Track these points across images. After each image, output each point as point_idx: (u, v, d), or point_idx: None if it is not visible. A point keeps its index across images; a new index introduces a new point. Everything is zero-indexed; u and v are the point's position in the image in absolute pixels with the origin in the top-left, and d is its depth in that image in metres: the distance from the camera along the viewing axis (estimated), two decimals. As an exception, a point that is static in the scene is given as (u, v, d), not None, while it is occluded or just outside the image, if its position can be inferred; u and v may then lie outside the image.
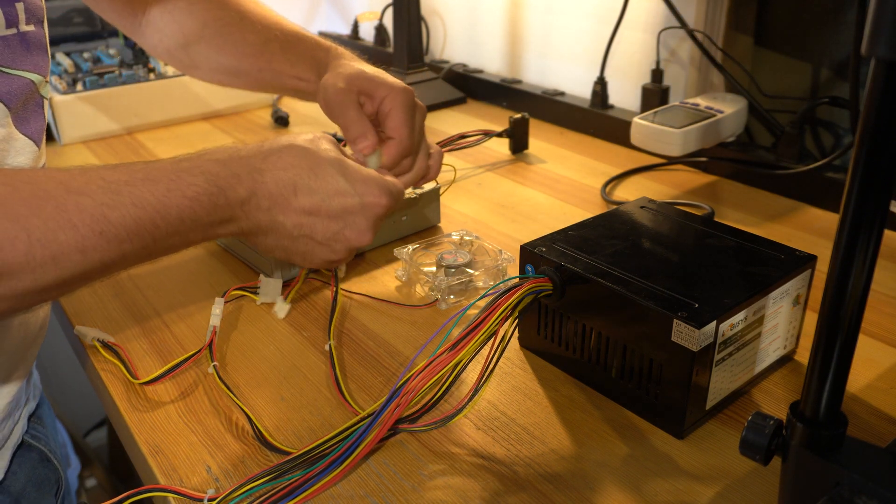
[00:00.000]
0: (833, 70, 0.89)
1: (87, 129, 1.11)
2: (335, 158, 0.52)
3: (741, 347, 0.52)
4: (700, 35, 0.95)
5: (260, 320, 0.66)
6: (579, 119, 1.12)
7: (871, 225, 0.34)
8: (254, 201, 0.49)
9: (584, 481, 0.48)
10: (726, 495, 0.47)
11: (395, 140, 0.63)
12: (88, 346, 0.63)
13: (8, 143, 0.54)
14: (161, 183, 0.45)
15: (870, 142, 0.33)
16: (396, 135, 0.63)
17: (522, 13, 1.26)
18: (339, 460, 0.47)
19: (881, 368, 0.58)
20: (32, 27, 0.56)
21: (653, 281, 0.52)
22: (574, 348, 0.57)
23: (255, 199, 0.49)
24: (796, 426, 0.39)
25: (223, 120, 1.20)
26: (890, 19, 0.30)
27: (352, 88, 0.64)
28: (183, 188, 0.46)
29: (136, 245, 0.44)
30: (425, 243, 0.75)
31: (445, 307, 0.68)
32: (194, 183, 0.46)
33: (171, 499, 0.48)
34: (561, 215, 0.85)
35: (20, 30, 0.55)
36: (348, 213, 0.51)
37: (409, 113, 0.63)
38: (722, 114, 0.90)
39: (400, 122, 0.63)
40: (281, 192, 0.50)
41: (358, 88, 0.64)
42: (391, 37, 1.45)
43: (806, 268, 0.56)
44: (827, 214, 0.84)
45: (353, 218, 0.52)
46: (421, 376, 0.48)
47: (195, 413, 0.55)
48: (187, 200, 0.46)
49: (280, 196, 0.50)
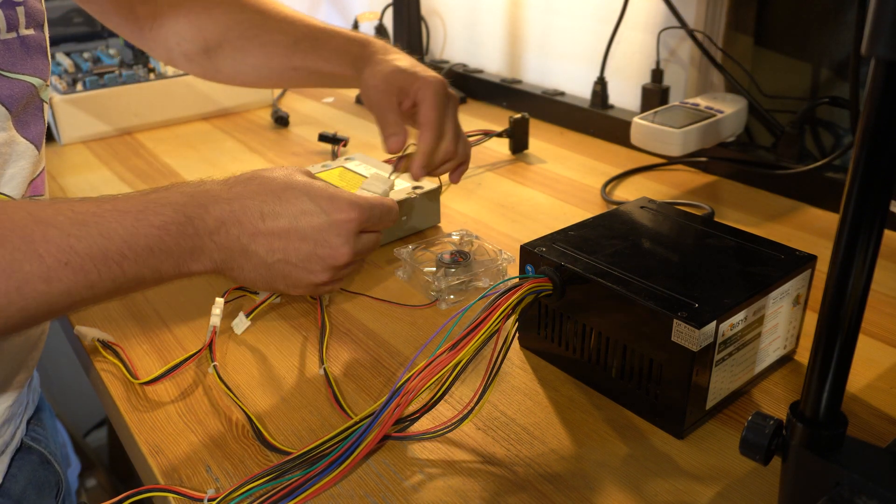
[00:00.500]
0: (833, 70, 0.89)
1: (87, 129, 1.11)
2: (301, 181, 0.52)
3: (741, 347, 0.52)
4: (700, 35, 0.95)
5: (260, 320, 0.66)
6: (579, 119, 1.12)
7: (871, 225, 0.34)
8: (223, 230, 0.49)
9: (584, 481, 0.48)
10: (726, 495, 0.47)
11: (425, 126, 0.66)
12: (88, 347, 0.63)
13: (9, 146, 0.54)
14: (129, 214, 0.45)
15: (870, 142, 0.33)
16: (426, 121, 0.66)
17: (522, 13, 1.26)
18: (339, 460, 0.47)
19: (881, 368, 0.58)
20: (32, 31, 0.56)
21: (653, 281, 0.52)
22: (574, 348, 0.57)
23: (224, 227, 0.49)
24: (796, 426, 0.39)
25: (223, 120, 1.20)
26: (890, 19, 0.30)
27: (390, 89, 0.66)
28: (150, 218, 0.46)
29: (104, 276, 0.44)
30: (425, 243, 0.75)
31: (445, 307, 0.68)
32: (162, 213, 0.46)
33: (171, 499, 0.48)
34: (561, 215, 0.85)
35: (20, 33, 0.55)
36: (317, 231, 0.51)
37: (440, 101, 0.66)
38: (722, 114, 0.90)
39: (429, 109, 0.65)
40: (249, 220, 0.49)
41: (396, 87, 0.66)
42: (391, 37, 1.45)
43: (806, 268, 0.56)
44: (827, 214, 0.84)
45: (323, 236, 0.51)
46: (421, 376, 0.48)
47: (195, 413, 0.55)
48: (155, 229, 0.46)
49: (248, 223, 0.49)
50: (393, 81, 0.66)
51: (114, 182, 0.96)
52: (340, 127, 1.16)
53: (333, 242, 0.52)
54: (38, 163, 0.58)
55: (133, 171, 1.00)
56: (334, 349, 0.62)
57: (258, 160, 1.04)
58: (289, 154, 1.06)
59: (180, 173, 0.99)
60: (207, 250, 0.49)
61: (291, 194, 0.51)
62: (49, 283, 0.42)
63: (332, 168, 0.86)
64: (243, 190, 0.50)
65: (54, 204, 0.44)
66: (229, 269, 0.51)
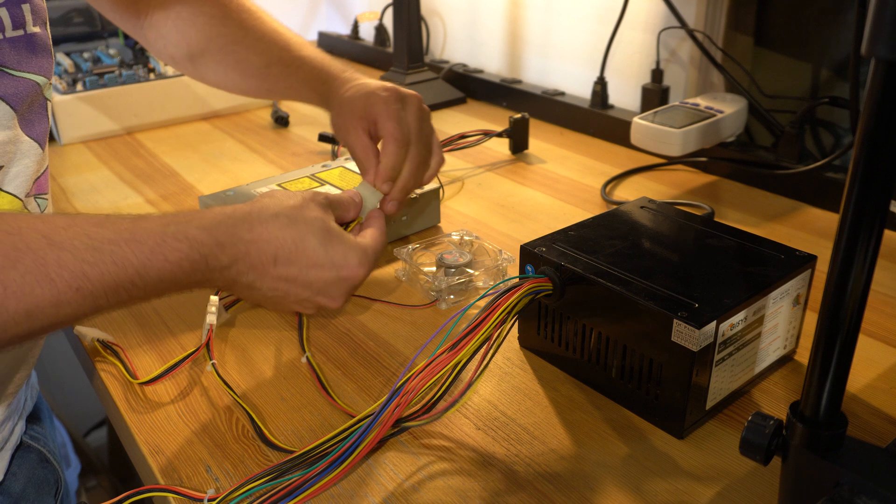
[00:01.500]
0: (833, 70, 0.89)
1: (87, 129, 1.11)
2: (320, 228, 0.52)
3: (741, 347, 0.52)
4: (700, 35, 0.95)
5: (259, 320, 0.66)
6: (579, 119, 1.12)
7: (871, 225, 0.34)
8: (234, 268, 0.49)
9: (584, 481, 0.48)
10: (726, 495, 0.47)
11: (384, 139, 0.63)
12: (88, 347, 0.63)
13: (14, 145, 0.54)
14: (146, 245, 0.45)
15: (870, 142, 0.33)
16: (383, 134, 0.63)
17: (522, 13, 1.26)
18: (339, 460, 0.47)
19: (881, 368, 0.58)
20: (38, 28, 0.56)
21: (653, 281, 0.52)
22: (574, 348, 0.57)
23: (236, 266, 0.49)
24: (796, 426, 0.39)
25: (223, 120, 1.20)
26: (890, 19, 0.30)
27: (355, 115, 0.64)
28: (166, 252, 0.46)
29: (111, 301, 0.44)
30: (425, 243, 0.75)
31: (445, 307, 0.68)
32: (178, 248, 0.46)
33: (171, 499, 0.48)
34: (561, 215, 0.85)
35: (27, 31, 0.55)
36: (324, 284, 0.52)
37: (392, 111, 0.63)
38: (722, 114, 0.90)
39: (383, 122, 0.63)
40: (261, 262, 0.50)
41: (357, 115, 0.64)
42: (391, 37, 1.45)
43: (806, 268, 0.56)
44: (827, 214, 0.84)
45: (327, 288, 0.52)
46: (421, 376, 0.48)
47: (195, 413, 0.55)
48: (169, 265, 0.46)
49: (260, 265, 0.50)
50: (352, 111, 0.65)
51: (114, 182, 0.96)
52: (340, 127, 1.16)
53: (334, 294, 0.53)
54: (42, 161, 0.58)
55: (133, 171, 1.00)
56: (334, 349, 0.62)
57: (258, 160, 1.04)
58: (289, 154, 1.06)
59: (180, 173, 0.99)
60: (213, 281, 0.49)
61: (308, 243, 0.51)
62: (58, 308, 0.42)
63: (332, 168, 0.86)
64: (263, 232, 0.50)
65: (70, 227, 0.44)
66: (226, 290, 0.53)
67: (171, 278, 0.46)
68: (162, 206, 0.90)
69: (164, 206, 0.90)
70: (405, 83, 1.25)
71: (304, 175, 0.84)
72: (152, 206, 0.90)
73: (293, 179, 0.83)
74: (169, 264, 0.46)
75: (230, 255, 0.49)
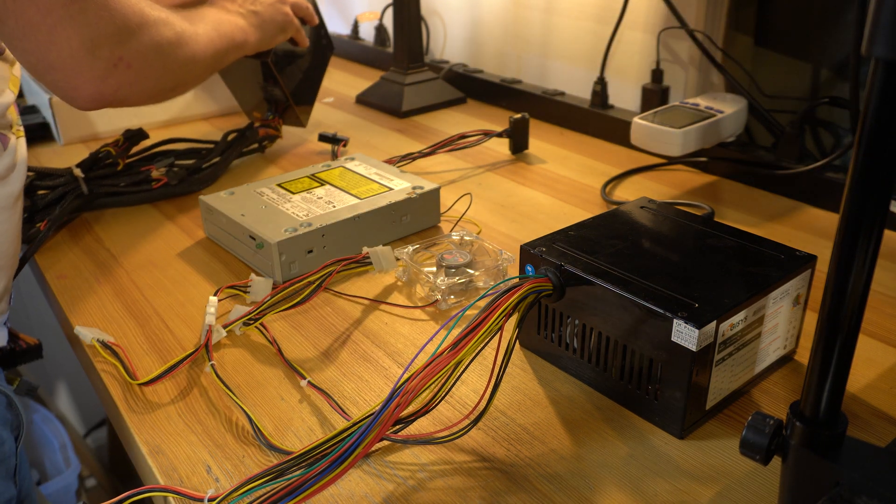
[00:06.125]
0: (833, 70, 0.89)
1: (87, 129, 1.11)
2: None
3: (741, 347, 0.52)
4: (700, 35, 0.95)
5: (258, 319, 0.66)
6: (579, 119, 1.12)
7: (871, 225, 0.34)
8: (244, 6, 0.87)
9: (584, 481, 0.48)
10: (726, 495, 0.47)
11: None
12: (88, 347, 0.63)
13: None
14: (220, 27, 0.80)
15: (870, 142, 0.33)
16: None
17: (522, 13, 1.26)
18: (339, 460, 0.47)
19: (881, 368, 0.58)
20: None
21: (653, 281, 0.53)
22: (574, 348, 0.57)
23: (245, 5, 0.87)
24: (796, 426, 0.39)
25: (223, 120, 1.20)
26: (890, 19, 0.30)
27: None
28: (224, 27, 0.81)
29: (225, 44, 0.79)
30: (425, 243, 0.75)
31: (445, 307, 0.68)
32: (230, 21, 0.83)
33: (171, 499, 0.48)
34: (561, 215, 0.85)
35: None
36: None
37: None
38: (722, 114, 0.90)
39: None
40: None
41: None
42: (391, 37, 1.45)
43: (806, 268, 0.56)
44: (827, 214, 0.84)
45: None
46: (421, 376, 0.48)
47: (195, 413, 0.55)
48: (230, 27, 0.82)
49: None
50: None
51: (114, 182, 0.96)
52: (340, 127, 1.16)
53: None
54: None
55: (133, 171, 1.00)
56: (334, 349, 0.62)
57: (258, 160, 1.04)
58: (289, 154, 1.06)
59: (180, 173, 0.99)
60: (246, 27, 0.85)
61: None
62: (210, 41, 0.76)
63: (332, 168, 0.86)
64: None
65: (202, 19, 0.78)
66: (253, 33, 0.86)
67: (230, 36, 0.80)
68: (162, 206, 0.90)
69: (164, 206, 0.90)
70: (405, 83, 1.25)
71: (304, 175, 0.84)
72: (152, 205, 0.90)
73: (293, 179, 0.83)
74: (230, 27, 0.81)
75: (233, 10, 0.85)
